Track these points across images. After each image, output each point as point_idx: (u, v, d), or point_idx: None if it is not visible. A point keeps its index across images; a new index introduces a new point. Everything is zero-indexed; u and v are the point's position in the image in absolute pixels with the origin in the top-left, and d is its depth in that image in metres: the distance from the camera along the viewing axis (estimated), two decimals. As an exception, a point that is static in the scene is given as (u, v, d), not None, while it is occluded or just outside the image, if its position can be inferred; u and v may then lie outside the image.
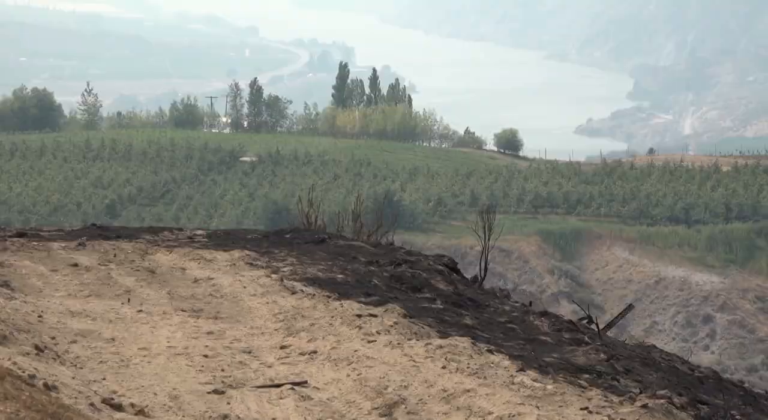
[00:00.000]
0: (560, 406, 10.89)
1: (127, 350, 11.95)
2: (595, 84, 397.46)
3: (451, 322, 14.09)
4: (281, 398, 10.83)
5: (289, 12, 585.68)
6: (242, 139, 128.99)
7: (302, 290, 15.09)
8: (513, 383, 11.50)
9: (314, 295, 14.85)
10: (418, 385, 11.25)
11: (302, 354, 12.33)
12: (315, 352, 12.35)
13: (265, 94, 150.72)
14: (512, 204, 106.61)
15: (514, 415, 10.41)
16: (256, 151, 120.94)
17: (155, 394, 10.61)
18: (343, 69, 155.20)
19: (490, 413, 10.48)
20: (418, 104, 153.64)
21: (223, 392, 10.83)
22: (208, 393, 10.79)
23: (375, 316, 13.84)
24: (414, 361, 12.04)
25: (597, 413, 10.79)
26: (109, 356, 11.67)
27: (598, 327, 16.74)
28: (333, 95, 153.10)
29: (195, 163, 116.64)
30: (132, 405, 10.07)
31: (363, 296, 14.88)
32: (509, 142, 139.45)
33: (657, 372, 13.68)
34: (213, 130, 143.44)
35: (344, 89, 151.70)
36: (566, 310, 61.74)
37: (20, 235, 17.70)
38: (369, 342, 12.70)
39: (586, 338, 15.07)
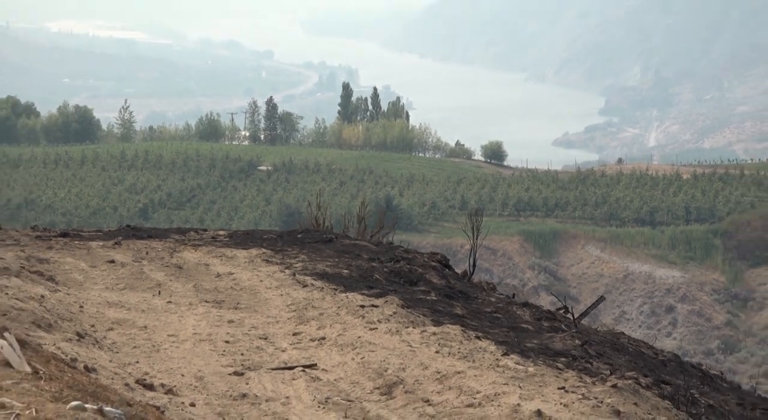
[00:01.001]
0: (540, 386, 10.90)
1: (157, 337, 11.96)
2: (570, 102, 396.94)
3: (444, 312, 14.08)
4: (294, 379, 10.83)
5: (300, 38, 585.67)
6: (259, 151, 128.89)
7: (312, 284, 15.09)
8: (498, 366, 11.50)
9: (323, 288, 14.85)
10: (415, 367, 11.25)
11: (312, 340, 12.33)
12: (323, 338, 12.36)
13: (280, 110, 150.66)
14: (497, 208, 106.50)
15: (499, 394, 10.41)
16: (272, 161, 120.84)
17: (182, 375, 10.61)
18: (347, 89, 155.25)
19: (478, 392, 10.48)
20: (415, 119, 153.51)
21: (242, 374, 10.84)
22: (229, 374, 10.80)
23: (376, 306, 13.85)
24: (411, 346, 12.04)
25: (572, 392, 10.79)
26: (141, 342, 11.67)
27: (573, 316, 16.74)
28: (339, 112, 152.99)
29: (217, 171, 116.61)
30: (162, 385, 10.08)
31: (366, 289, 14.88)
32: (495, 153, 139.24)
33: (625, 356, 13.68)
34: (233, 143, 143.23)
35: (349, 106, 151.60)
36: (545, 301, 61.58)
37: (63, 235, 17.71)
38: (371, 329, 12.70)
39: (563, 326, 15.07)
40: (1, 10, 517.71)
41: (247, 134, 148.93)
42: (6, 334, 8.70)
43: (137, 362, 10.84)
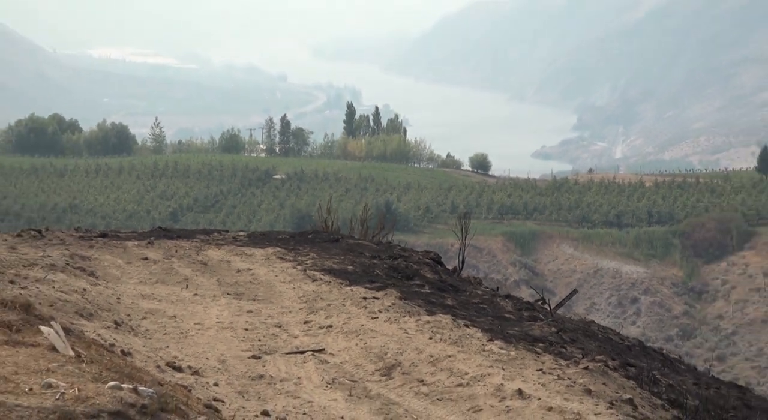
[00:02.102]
0: (521, 368, 10.89)
1: (185, 325, 11.97)
2: (547, 119, 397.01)
3: (436, 303, 14.09)
4: (304, 362, 10.84)
5: (310, 63, 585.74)
6: (274, 162, 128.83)
7: (321, 278, 15.10)
8: (484, 350, 11.50)
9: (330, 282, 14.86)
10: (411, 351, 11.25)
11: (321, 328, 12.34)
12: (330, 326, 12.36)
13: (292, 126, 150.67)
14: (483, 212, 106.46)
15: (485, 375, 10.41)
16: (285, 171, 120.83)
17: (207, 358, 10.62)
18: (351, 107, 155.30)
19: (466, 373, 10.48)
20: (411, 134, 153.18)
21: (259, 357, 10.85)
22: (248, 358, 10.80)
23: (377, 298, 13.85)
24: (407, 333, 12.04)
25: (549, 373, 10.78)
26: (171, 329, 11.68)
27: (549, 307, 16.73)
28: (344, 127, 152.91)
29: (238, 179, 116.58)
30: (189, 367, 10.08)
31: (368, 283, 14.89)
32: (481, 164, 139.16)
33: (595, 341, 13.68)
34: (252, 155, 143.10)
35: (353, 123, 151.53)
36: (525, 293, 61.63)
37: (103, 235, 17.72)
38: (372, 318, 12.70)
39: (541, 315, 15.07)
40: (50, 37, 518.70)
41: (264, 147, 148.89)
42: (53, 323, 8.71)
43: (167, 347, 10.85)
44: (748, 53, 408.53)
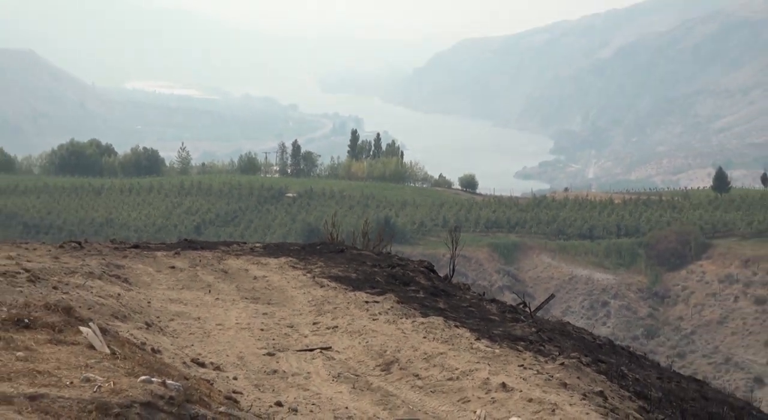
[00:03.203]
0: (504, 364, 10.88)
1: (208, 326, 11.95)
2: (528, 143, 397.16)
3: (430, 306, 14.07)
4: (313, 358, 10.82)
5: (318, 95, 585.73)
6: (287, 181, 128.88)
7: (328, 284, 15.08)
8: (472, 348, 11.48)
9: (336, 288, 14.84)
10: (407, 349, 11.23)
11: (328, 328, 12.32)
12: (336, 327, 12.34)
13: (302, 150, 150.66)
14: (471, 225, 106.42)
15: (473, 370, 10.39)
16: (296, 189, 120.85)
17: (227, 355, 10.60)
18: (355, 134, 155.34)
19: (456, 369, 10.47)
20: (407, 157, 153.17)
21: (273, 354, 10.82)
22: (263, 355, 10.78)
23: (377, 302, 13.83)
24: (404, 332, 12.02)
25: (529, 369, 10.78)
26: (195, 330, 11.66)
27: (530, 310, 16.72)
28: (348, 151, 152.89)
29: (254, 197, 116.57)
30: (211, 363, 10.07)
31: (369, 288, 14.86)
32: (469, 183, 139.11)
33: (570, 340, 13.66)
34: (267, 175, 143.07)
35: (356, 147, 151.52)
36: (508, 298, 61.50)
37: (135, 246, 17.70)
38: (373, 320, 12.68)
39: (522, 317, 15.05)
40: (89, 72, 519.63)
41: (278, 169, 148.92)
42: (91, 324, 8.71)
43: (192, 345, 10.83)
44: (703, 86, 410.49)
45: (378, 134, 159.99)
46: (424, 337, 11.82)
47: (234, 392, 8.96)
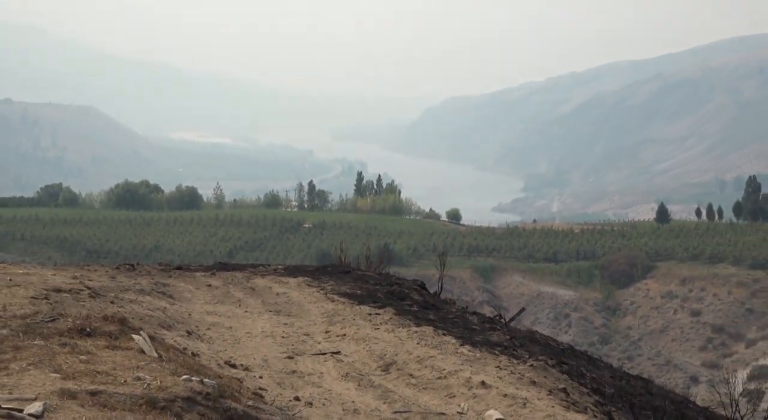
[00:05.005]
0: (484, 365, 10.87)
1: (238, 334, 11.94)
2: (503, 183, 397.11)
3: (422, 318, 14.06)
4: (325, 361, 10.81)
5: (330, 143, 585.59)
6: (304, 215, 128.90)
7: (337, 299, 15.07)
8: (457, 352, 11.48)
9: (344, 302, 14.84)
10: (403, 353, 11.22)
11: (338, 336, 12.31)
12: (345, 335, 12.33)
13: (317, 189, 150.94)
14: (456, 250, 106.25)
15: (458, 371, 10.38)
16: (312, 221, 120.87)
17: (254, 358, 10.59)
18: (360, 175, 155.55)
19: (444, 369, 10.46)
20: (404, 194, 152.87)
21: (292, 358, 10.81)
22: (284, 358, 10.77)
23: (378, 314, 13.82)
24: (401, 339, 12.01)
25: (504, 369, 10.77)
26: (228, 337, 11.65)
27: (504, 321, 16.70)
28: (355, 190, 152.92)
29: (277, 227, 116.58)
30: (241, 365, 10.06)
31: (371, 303, 14.86)
32: (454, 216, 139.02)
33: (538, 346, 13.64)
34: (287, 209, 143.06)
35: (361, 186, 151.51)
36: (487, 311, 61.31)
37: (178, 268, 17.71)
38: (375, 329, 12.68)
39: (498, 327, 15.04)
40: (139, 124, 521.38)
41: (296, 204, 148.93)
42: (141, 332, 8.71)
43: (225, 350, 10.82)
44: (647, 136, 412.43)
45: (379, 175, 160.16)
46: (417, 343, 11.81)
47: (260, 389, 8.96)
